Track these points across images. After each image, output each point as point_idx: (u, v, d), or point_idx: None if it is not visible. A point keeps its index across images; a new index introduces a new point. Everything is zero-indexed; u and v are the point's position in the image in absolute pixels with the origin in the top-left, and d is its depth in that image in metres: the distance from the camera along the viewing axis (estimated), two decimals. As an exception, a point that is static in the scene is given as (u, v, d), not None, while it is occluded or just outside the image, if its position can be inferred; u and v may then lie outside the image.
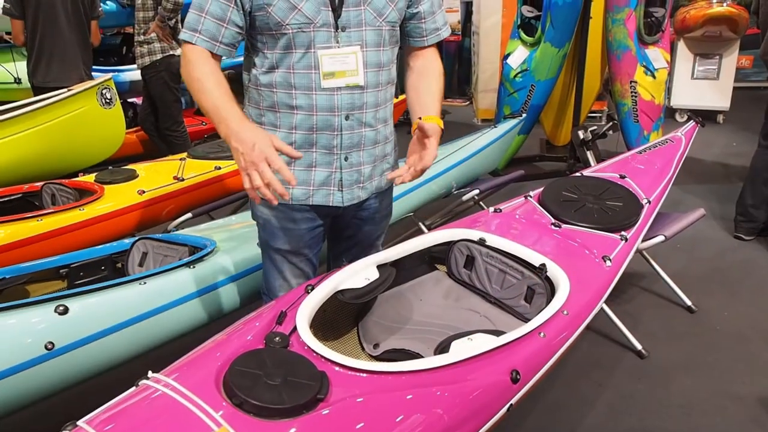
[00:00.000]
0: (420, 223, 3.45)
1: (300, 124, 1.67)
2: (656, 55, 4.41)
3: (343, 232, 1.91)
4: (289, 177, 1.43)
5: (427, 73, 1.80)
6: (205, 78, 1.55)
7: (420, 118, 1.67)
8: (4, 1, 4.08)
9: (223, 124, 1.49)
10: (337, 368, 1.39)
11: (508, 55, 4.72)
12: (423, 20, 1.77)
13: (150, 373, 1.35)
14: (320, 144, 1.70)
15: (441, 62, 1.85)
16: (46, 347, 1.74)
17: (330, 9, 1.59)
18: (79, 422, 1.22)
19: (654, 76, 4.38)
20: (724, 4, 5.63)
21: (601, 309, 2.40)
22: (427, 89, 1.77)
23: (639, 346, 2.62)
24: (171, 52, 4.63)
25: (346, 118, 1.68)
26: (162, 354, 1.86)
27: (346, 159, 1.72)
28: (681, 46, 6.05)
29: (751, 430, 2.19)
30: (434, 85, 1.78)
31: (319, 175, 1.73)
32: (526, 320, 1.89)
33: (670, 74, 5.78)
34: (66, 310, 1.81)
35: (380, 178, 1.85)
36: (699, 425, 2.22)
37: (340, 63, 1.62)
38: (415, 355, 1.82)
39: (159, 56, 4.61)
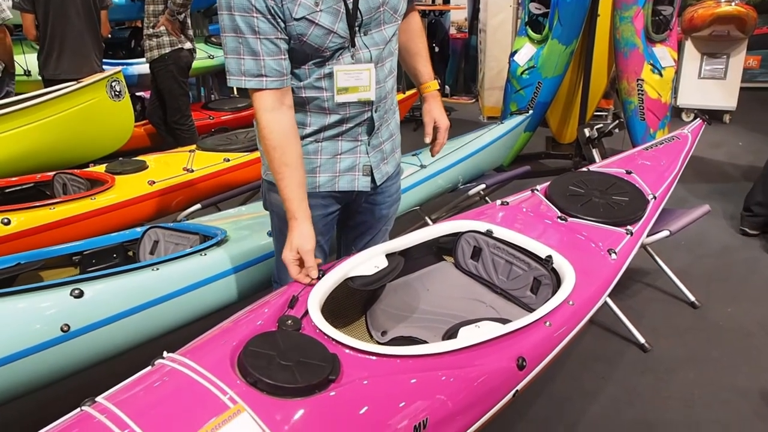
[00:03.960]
0: (426, 217, 3.48)
1: (332, 123, 1.71)
2: (663, 53, 4.42)
3: (354, 218, 1.94)
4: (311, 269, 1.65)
5: (413, 33, 1.94)
6: (281, 159, 1.60)
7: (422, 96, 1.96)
8: None
9: (292, 216, 1.63)
10: (347, 351, 1.42)
11: (515, 52, 4.74)
12: None
13: (165, 353, 1.39)
14: (348, 134, 1.74)
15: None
16: (62, 329, 1.78)
17: (347, 24, 1.60)
18: (98, 398, 1.26)
19: (661, 75, 4.39)
20: (733, 3, 5.62)
21: (605, 303, 2.42)
22: (417, 51, 1.96)
23: (642, 340, 2.65)
24: (180, 46, 4.66)
25: (376, 110, 1.74)
26: (174, 339, 1.88)
27: (369, 143, 1.78)
28: (688, 45, 6.05)
29: (754, 423, 2.22)
30: (420, 45, 1.97)
31: (345, 162, 1.77)
32: (532, 311, 1.92)
33: (677, 73, 5.78)
34: (81, 294, 1.85)
35: (398, 150, 1.93)
36: (701, 418, 2.25)
37: (354, 79, 1.66)
38: (421, 343, 1.85)
39: (168, 50, 4.63)
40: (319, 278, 1.66)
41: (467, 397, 1.47)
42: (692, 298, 2.99)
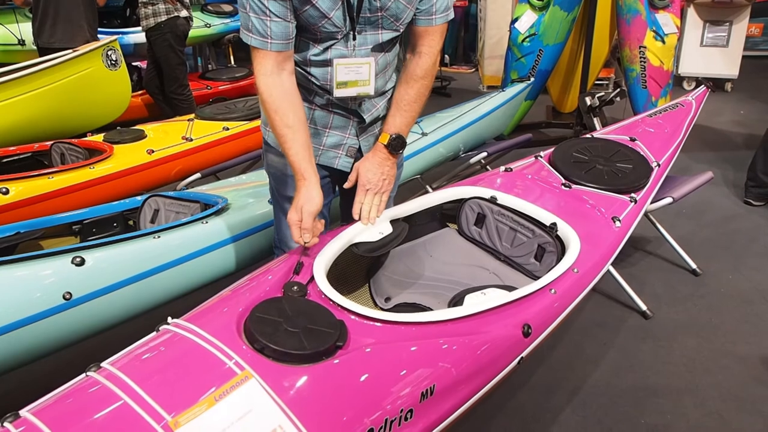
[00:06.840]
0: (427, 186, 3.46)
1: (318, 100, 1.71)
2: (666, 20, 4.35)
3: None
4: (312, 235, 1.60)
5: (408, 77, 1.71)
6: (282, 121, 1.58)
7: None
8: None
9: (300, 177, 1.60)
10: (353, 317, 1.42)
11: (516, 19, 4.67)
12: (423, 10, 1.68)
13: (170, 319, 1.38)
14: (341, 109, 1.73)
15: (441, 41, 1.72)
16: (64, 297, 1.77)
17: (347, 17, 1.57)
18: (103, 363, 1.25)
19: (663, 42, 4.33)
20: (737, -31, 5.54)
21: (608, 271, 2.42)
22: (399, 98, 1.72)
23: (644, 307, 2.65)
24: (176, 14, 4.58)
25: (359, 105, 1.72)
26: (177, 306, 1.88)
27: (358, 126, 1.76)
28: (691, 12, 5.97)
29: (753, 387, 2.23)
30: (407, 92, 1.71)
31: (332, 138, 1.75)
32: (535, 278, 1.92)
33: (679, 41, 5.71)
34: (82, 262, 1.84)
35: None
36: (701, 383, 2.26)
37: (354, 73, 1.63)
38: (425, 309, 1.85)
39: (164, 18, 4.55)
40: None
41: (473, 365, 1.47)
42: (693, 266, 2.99)
